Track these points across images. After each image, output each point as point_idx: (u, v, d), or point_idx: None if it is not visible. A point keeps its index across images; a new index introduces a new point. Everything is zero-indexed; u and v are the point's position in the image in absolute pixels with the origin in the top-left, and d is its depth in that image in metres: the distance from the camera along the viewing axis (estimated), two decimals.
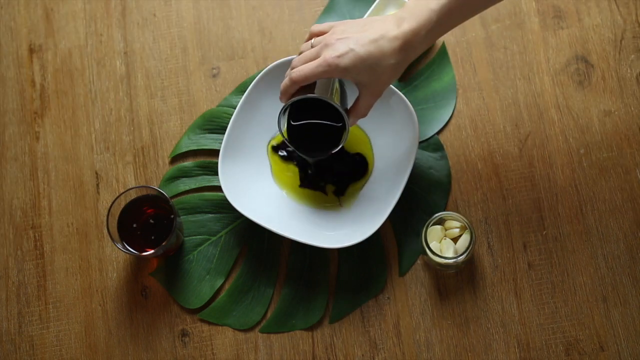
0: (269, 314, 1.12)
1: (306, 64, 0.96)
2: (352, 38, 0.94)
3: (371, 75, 0.95)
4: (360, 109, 1.00)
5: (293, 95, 0.99)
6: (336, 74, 0.95)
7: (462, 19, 0.98)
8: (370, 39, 0.94)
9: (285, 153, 1.16)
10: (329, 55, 0.94)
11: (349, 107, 1.02)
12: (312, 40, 0.99)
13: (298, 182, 1.15)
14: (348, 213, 1.13)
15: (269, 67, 1.13)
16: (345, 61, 0.94)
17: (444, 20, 0.95)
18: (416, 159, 1.14)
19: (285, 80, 0.98)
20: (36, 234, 1.17)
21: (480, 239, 1.13)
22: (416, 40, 0.95)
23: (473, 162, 1.15)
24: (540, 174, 1.14)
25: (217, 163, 1.17)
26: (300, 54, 1.00)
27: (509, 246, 1.12)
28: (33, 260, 1.16)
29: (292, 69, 0.98)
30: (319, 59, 0.95)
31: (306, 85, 0.98)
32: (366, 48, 0.94)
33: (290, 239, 1.13)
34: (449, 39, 1.20)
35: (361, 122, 1.15)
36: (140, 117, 1.21)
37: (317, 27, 1.01)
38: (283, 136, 1.04)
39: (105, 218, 1.16)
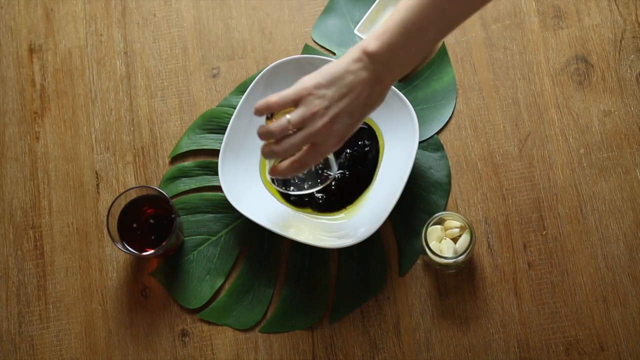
0: (269, 314, 1.12)
1: (305, 155, 0.92)
2: (343, 112, 0.90)
3: (349, 99, 0.91)
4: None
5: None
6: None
7: (439, 30, 0.89)
8: (361, 106, 0.90)
9: None
10: (331, 143, 0.91)
11: None
12: (288, 117, 0.90)
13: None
14: (348, 213, 1.13)
15: (269, 67, 1.13)
16: (345, 139, 0.92)
17: (425, 49, 0.90)
18: (416, 159, 1.14)
19: (283, 165, 0.93)
20: (36, 234, 1.17)
21: (480, 239, 1.13)
22: (378, 53, 0.88)
23: (473, 162, 1.15)
24: (540, 174, 1.14)
25: (217, 163, 1.17)
26: (269, 133, 0.92)
27: (509, 246, 1.12)
28: (33, 260, 1.16)
29: (276, 152, 0.92)
30: (319, 149, 0.91)
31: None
32: (361, 115, 0.91)
33: (290, 239, 1.13)
34: (449, 39, 1.20)
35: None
36: (140, 117, 1.21)
37: (277, 102, 0.91)
38: (272, 183, 1.04)
39: (105, 218, 1.16)
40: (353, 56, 0.90)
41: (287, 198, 1.14)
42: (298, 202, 1.14)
